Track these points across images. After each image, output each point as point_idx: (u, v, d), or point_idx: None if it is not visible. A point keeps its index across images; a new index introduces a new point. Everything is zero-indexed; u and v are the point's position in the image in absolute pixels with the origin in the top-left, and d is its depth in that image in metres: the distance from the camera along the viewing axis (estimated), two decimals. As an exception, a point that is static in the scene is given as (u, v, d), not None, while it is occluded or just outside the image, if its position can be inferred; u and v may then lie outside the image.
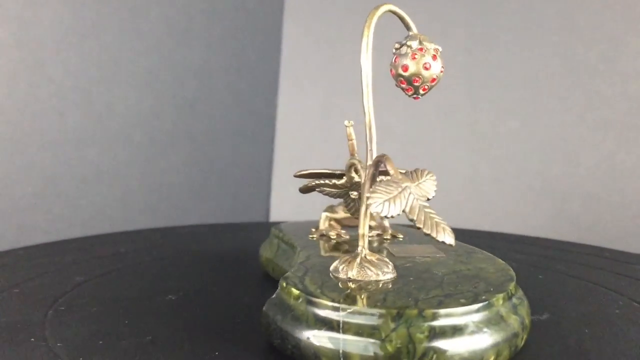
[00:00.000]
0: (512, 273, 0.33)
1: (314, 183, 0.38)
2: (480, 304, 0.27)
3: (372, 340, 0.26)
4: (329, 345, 0.27)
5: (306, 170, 0.39)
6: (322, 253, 0.37)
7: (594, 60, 0.76)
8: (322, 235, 0.41)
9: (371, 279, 0.30)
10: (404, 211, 0.28)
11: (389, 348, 0.26)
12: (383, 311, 0.26)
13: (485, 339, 0.27)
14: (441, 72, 0.32)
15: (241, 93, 0.87)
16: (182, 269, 0.46)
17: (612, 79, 0.75)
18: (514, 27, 0.81)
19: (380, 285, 0.30)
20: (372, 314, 0.26)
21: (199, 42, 0.82)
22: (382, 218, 0.42)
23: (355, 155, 0.37)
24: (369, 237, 0.40)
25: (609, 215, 0.75)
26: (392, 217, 0.28)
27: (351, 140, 0.38)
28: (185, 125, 0.82)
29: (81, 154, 0.72)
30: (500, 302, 0.28)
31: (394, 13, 0.35)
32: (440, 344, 0.26)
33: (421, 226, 0.28)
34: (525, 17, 0.80)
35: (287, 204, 0.90)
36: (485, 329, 0.27)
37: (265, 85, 0.90)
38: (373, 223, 0.42)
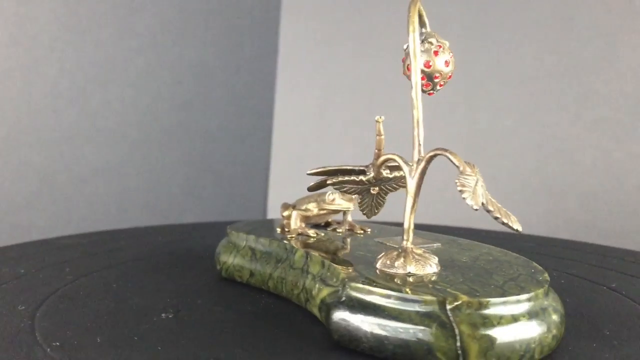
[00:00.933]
0: (533, 263, 0.34)
1: (333, 180, 0.37)
2: (543, 286, 0.29)
3: (482, 331, 0.26)
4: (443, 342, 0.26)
5: (321, 167, 0.39)
6: (337, 254, 0.36)
7: (590, 59, 0.76)
8: (299, 234, 0.41)
9: (429, 271, 0.31)
10: (482, 203, 0.29)
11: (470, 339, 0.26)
12: (488, 300, 0.27)
13: (551, 315, 0.28)
14: (454, 68, 0.34)
15: (238, 91, 0.87)
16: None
17: (608, 77, 0.75)
18: (510, 25, 0.81)
19: (442, 277, 0.30)
20: (482, 304, 0.27)
21: (195, 40, 0.82)
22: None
23: (382, 151, 0.37)
24: (339, 232, 0.41)
25: (605, 212, 0.75)
26: (476, 209, 0.29)
27: (380, 135, 0.38)
28: (181, 123, 0.81)
29: (76, 152, 0.72)
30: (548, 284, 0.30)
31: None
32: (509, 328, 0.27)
33: (499, 216, 0.29)
34: (521, 16, 0.80)
35: (284, 201, 0.90)
36: (549, 308, 0.29)
37: (262, 84, 0.90)
38: (330, 218, 0.43)
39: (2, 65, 0.66)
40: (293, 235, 0.41)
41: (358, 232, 0.42)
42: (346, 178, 0.37)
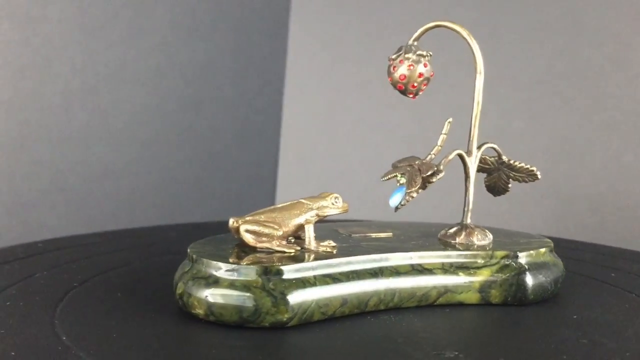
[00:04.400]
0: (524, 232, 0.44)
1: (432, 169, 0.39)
2: (550, 245, 0.40)
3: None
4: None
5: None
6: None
7: (600, 61, 0.76)
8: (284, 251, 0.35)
9: (486, 242, 0.40)
10: None
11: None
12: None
13: (557, 266, 0.40)
14: (420, 76, 0.37)
15: (247, 92, 0.87)
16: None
17: (619, 79, 0.75)
18: (520, 27, 0.81)
19: (492, 243, 0.40)
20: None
21: (205, 41, 0.82)
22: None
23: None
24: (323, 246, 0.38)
25: (614, 216, 0.75)
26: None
27: (446, 134, 0.43)
28: (190, 123, 0.82)
29: (87, 152, 0.72)
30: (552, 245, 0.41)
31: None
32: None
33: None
34: (531, 18, 0.80)
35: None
36: (553, 262, 0.40)
37: (271, 84, 0.90)
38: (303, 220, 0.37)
39: (14, 64, 0.66)
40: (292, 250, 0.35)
41: (325, 247, 0.36)
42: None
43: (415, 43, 0.38)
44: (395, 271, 0.36)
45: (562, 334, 0.34)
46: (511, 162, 0.43)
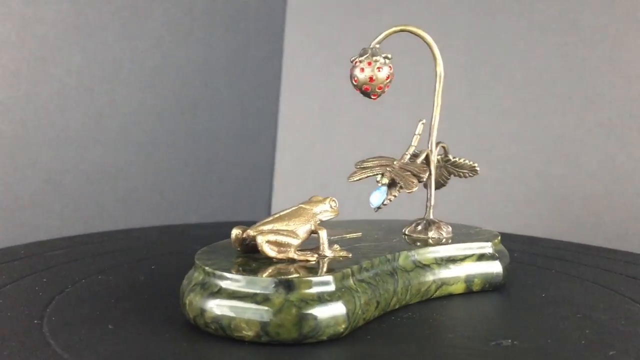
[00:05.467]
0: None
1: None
2: (498, 235, 0.43)
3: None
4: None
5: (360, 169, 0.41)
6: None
7: (595, 62, 0.76)
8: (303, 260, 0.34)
9: (451, 235, 0.42)
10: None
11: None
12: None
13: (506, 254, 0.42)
14: (387, 78, 0.38)
15: (243, 93, 0.87)
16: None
17: (614, 80, 0.75)
18: (515, 28, 0.81)
19: (455, 236, 0.42)
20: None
21: (201, 41, 0.82)
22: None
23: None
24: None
25: (609, 216, 0.75)
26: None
27: (419, 135, 0.43)
28: (187, 124, 0.82)
29: (83, 153, 0.72)
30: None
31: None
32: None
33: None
34: (526, 18, 0.80)
35: (287, 204, 0.90)
36: (504, 251, 0.43)
37: (267, 85, 0.90)
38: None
39: (9, 65, 0.66)
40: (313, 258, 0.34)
41: (340, 253, 0.35)
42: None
43: (378, 46, 0.39)
44: (405, 269, 0.37)
45: (561, 312, 0.37)
46: (455, 159, 0.45)
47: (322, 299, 0.31)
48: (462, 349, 0.31)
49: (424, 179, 0.40)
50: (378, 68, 0.38)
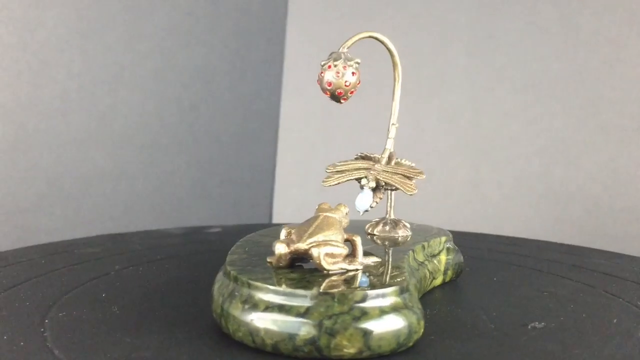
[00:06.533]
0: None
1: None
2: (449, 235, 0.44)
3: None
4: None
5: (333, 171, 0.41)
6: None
7: (596, 64, 0.76)
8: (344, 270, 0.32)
9: (411, 233, 0.42)
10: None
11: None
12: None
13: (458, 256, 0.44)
14: (358, 83, 0.39)
15: (244, 95, 0.87)
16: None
17: (615, 82, 0.75)
18: (517, 30, 0.81)
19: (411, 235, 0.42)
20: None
21: (202, 44, 0.82)
22: None
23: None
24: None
25: (610, 218, 0.75)
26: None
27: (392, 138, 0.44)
28: (188, 127, 0.82)
29: (84, 155, 0.72)
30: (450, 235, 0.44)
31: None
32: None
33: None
34: (527, 21, 0.80)
35: (289, 205, 0.90)
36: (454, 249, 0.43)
37: (269, 88, 0.90)
38: None
39: (11, 68, 0.66)
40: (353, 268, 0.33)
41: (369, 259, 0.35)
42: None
43: (346, 50, 0.40)
44: (415, 269, 0.38)
45: (526, 292, 0.42)
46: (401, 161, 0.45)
47: (407, 305, 0.30)
48: (496, 337, 0.32)
49: (422, 178, 0.40)
50: (353, 73, 0.39)
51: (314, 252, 0.31)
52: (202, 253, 0.52)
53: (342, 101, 0.40)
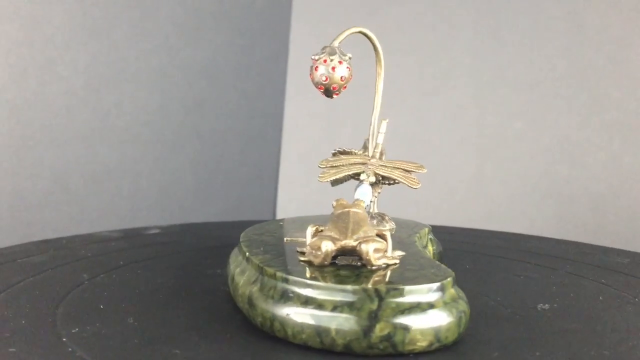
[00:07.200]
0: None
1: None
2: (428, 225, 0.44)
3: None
4: None
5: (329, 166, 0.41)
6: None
7: (601, 62, 0.76)
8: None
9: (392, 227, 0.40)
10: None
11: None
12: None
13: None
14: (351, 77, 0.40)
15: (249, 93, 0.88)
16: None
17: (620, 80, 0.75)
18: (521, 28, 0.81)
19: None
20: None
21: (207, 42, 0.82)
22: None
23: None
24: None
25: (614, 217, 0.75)
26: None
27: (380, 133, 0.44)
28: (193, 124, 0.82)
29: (89, 152, 0.73)
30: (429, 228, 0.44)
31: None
32: None
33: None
34: (532, 19, 0.80)
35: (293, 203, 0.90)
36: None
37: (273, 85, 0.90)
38: None
39: (17, 65, 0.67)
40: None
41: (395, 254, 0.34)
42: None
43: (338, 44, 0.40)
44: None
45: (511, 278, 0.44)
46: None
47: (446, 303, 0.30)
48: (507, 317, 0.33)
49: (424, 172, 0.40)
50: (347, 67, 0.39)
51: (364, 247, 0.31)
52: (199, 250, 0.52)
53: (334, 96, 0.40)
